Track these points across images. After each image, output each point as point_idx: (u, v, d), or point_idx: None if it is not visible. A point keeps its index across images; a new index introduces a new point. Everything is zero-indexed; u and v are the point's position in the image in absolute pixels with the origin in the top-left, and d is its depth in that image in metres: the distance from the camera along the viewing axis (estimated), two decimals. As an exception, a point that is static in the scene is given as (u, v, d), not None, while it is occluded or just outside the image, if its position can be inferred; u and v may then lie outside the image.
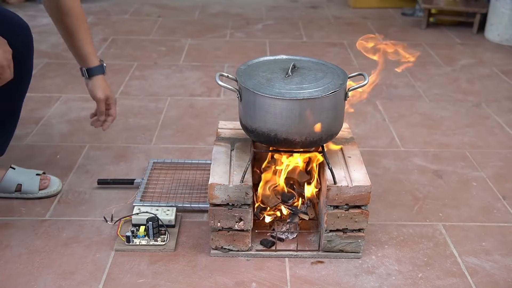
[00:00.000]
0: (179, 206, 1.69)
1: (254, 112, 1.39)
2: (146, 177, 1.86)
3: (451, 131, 2.35)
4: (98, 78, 1.70)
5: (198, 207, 1.70)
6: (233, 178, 1.44)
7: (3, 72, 1.34)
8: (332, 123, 1.42)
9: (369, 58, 1.60)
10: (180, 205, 1.70)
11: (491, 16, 3.65)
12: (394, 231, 1.66)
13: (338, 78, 1.44)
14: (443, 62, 3.23)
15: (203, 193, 1.78)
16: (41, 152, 2.06)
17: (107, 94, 1.72)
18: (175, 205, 1.68)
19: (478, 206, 1.81)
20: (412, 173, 2.00)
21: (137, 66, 3.03)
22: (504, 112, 2.56)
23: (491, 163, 2.09)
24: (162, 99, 2.60)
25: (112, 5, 4.40)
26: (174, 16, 4.14)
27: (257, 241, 1.56)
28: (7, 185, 1.74)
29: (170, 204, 1.69)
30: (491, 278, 1.48)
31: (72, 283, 1.41)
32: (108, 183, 1.83)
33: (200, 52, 3.31)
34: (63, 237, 1.59)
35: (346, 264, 1.51)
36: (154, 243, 1.55)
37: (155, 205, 1.68)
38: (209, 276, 1.45)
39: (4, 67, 1.33)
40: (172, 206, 1.67)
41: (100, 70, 1.71)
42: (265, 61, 1.54)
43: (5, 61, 1.33)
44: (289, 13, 4.33)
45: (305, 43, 3.59)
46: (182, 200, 1.74)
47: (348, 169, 1.49)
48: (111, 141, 2.17)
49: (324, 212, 1.47)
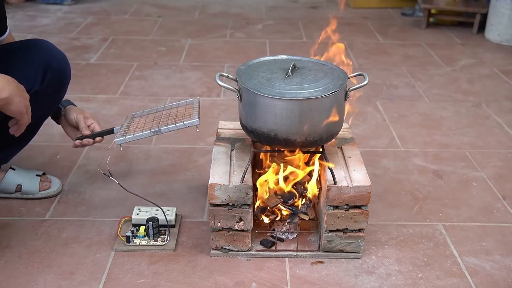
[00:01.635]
0: (160, 130, 1.51)
1: (254, 112, 1.40)
2: (126, 123, 1.66)
3: (451, 131, 2.35)
4: (71, 106, 1.72)
5: (175, 127, 1.52)
6: (233, 178, 1.44)
7: (22, 118, 1.39)
8: (332, 123, 1.42)
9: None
10: (164, 128, 1.51)
11: (491, 16, 3.65)
12: (394, 231, 1.66)
13: (338, 78, 1.44)
14: (443, 62, 3.23)
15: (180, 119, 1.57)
16: (41, 152, 2.06)
17: (84, 113, 1.70)
18: (158, 129, 1.51)
19: (478, 206, 1.81)
20: (412, 173, 2.00)
21: (137, 66, 3.03)
22: (504, 112, 2.56)
23: (491, 163, 2.09)
24: (162, 99, 2.60)
25: (112, 5, 4.40)
26: (174, 16, 4.14)
27: (257, 241, 1.56)
28: (7, 186, 1.74)
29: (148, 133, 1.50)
30: (491, 278, 1.48)
31: (72, 283, 1.41)
32: (87, 137, 1.66)
33: (200, 52, 3.31)
34: (63, 237, 1.59)
35: (346, 264, 1.51)
36: (154, 243, 1.55)
37: (155, 203, 1.68)
38: (209, 276, 1.45)
39: (23, 113, 1.38)
40: (171, 207, 1.67)
41: (69, 102, 1.74)
42: (265, 61, 1.54)
43: (24, 108, 1.37)
44: (289, 13, 4.33)
45: (305, 43, 3.59)
46: (159, 125, 1.53)
47: (348, 169, 1.49)
48: (111, 141, 2.16)
49: (324, 212, 1.47)
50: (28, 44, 1.60)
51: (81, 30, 3.69)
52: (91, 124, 1.68)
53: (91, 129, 1.67)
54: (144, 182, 1.90)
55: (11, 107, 1.33)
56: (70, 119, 1.68)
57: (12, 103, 1.32)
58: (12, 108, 1.34)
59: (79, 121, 1.67)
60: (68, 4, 4.29)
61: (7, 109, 1.34)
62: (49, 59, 1.57)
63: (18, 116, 1.38)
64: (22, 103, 1.35)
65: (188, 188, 1.87)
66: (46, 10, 4.14)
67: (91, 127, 1.67)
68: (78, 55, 3.18)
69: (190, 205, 1.76)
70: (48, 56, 1.58)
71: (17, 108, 1.35)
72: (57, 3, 4.27)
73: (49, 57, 1.58)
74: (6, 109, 1.33)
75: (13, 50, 1.59)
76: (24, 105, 1.36)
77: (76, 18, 3.98)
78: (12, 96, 1.31)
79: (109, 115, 2.37)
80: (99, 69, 2.97)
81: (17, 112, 1.36)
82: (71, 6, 4.27)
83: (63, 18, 3.96)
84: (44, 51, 1.58)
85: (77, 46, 3.36)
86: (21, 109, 1.36)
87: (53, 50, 1.61)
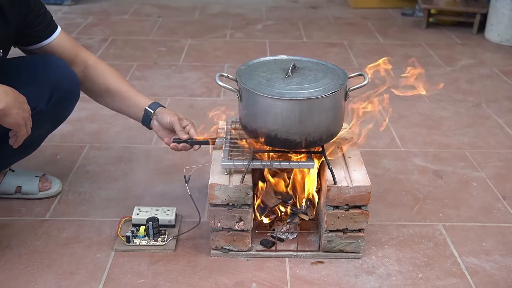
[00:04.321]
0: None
1: (254, 112, 1.39)
2: (228, 135, 1.60)
3: (451, 131, 2.35)
4: (161, 109, 1.62)
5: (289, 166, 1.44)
6: (233, 178, 1.44)
7: (20, 130, 1.34)
8: (332, 123, 1.42)
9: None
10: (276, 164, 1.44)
11: (491, 16, 3.65)
12: (394, 231, 1.66)
13: (338, 78, 1.44)
14: (443, 63, 3.23)
15: None
16: (41, 152, 2.06)
17: (178, 114, 1.60)
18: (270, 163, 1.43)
19: (478, 206, 1.81)
20: (412, 173, 2.00)
21: (137, 66, 3.03)
22: (504, 112, 2.56)
23: (491, 163, 2.09)
24: (162, 99, 2.60)
25: (112, 5, 4.40)
26: (174, 16, 4.14)
27: (257, 241, 1.56)
28: (6, 188, 1.74)
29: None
30: (491, 278, 1.48)
31: (72, 283, 1.41)
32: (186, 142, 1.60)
33: (200, 52, 3.31)
34: (63, 237, 1.59)
35: (346, 264, 1.51)
36: (154, 243, 1.55)
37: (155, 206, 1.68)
38: (209, 276, 1.45)
39: (21, 125, 1.33)
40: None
41: (158, 104, 1.63)
42: (265, 61, 1.54)
43: (22, 120, 1.32)
44: (289, 13, 4.33)
45: (305, 43, 3.59)
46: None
47: (348, 169, 1.49)
48: (111, 141, 2.17)
49: (324, 212, 1.47)
50: (40, 61, 1.54)
51: (81, 30, 3.69)
52: (186, 126, 1.58)
53: (187, 131, 1.58)
54: (144, 182, 1.90)
55: (7, 119, 1.29)
56: (164, 123, 1.58)
57: (9, 115, 1.28)
58: (9, 120, 1.29)
59: (174, 124, 1.56)
60: (68, 4, 4.28)
61: (4, 121, 1.29)
62: (59, 79, 1.52)
63: (15, 128, 1.33)
64: (20, 115, 1.31)
65: (188, 188, 1.86)
66: (46, 10, 4.14)
67: (186, 129, 1.58)
68: (78, 55, 3.17)
69: (190, 205, 1.76)
70: (58, 76, 1.52)
71: (14, 120, 1.30)
72: (57, 3, 4.27)
73: (59, 77, 1.52)
74: (2, 120, 1.29)
75: (25, 65, 1.54)
76: (22, 117, 1.31)
77: (76, 18, 3.98)
78: (8, 107, 1.27)
79: (109, 115, 2.37)
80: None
81: (14, 124, 1.31)
82: (71, 7, 4.27)
83: (63, 18, 3.95)
84: (55, 70, 1.52)
85: (77, 46, 3.36)
86: (18, 121, 1.31)
87: (63, 69, 1.54)
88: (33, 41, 1.55)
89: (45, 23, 1.54)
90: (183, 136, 1.56)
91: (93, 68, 1.63)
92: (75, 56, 1.61)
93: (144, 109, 1.61)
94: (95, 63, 1.64)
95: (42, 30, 1.54)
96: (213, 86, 2.75)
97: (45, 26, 1.54)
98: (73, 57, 1.60)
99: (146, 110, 1.61)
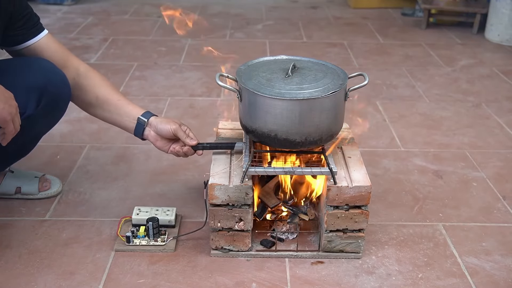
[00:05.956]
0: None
1: (254, 112, 1.40)
2: (248, 140, 1.56)
3: (451, 131, 2.35)
4: (155, 118, 1.57)
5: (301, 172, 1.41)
6: (233, 179, 1.44)
7: (7, 126, 1.30)
8: (332, 123, 1.42)
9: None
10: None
11: (491, 16, 3.65)
12: (394, 232, 1.66)
13: (338, 78, 1.44)
14: (443, 63, 3.23)
15: None
16: (41, 152, 2.06)
17: (175, 121, 1.57)
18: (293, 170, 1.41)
19: (478, 206, 1.81)
20: (412, 173, 2.00)
21: (137, 66, 3.03)
22: (504, 112, 2.56)
23: (491, 163, 2.09)
24: (162, 99, 2.60)
25: (112, 5, 4.40)
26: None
27: (257, 242, 1.56)
28: (6, 189, 1.74)
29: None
30: (491, 278, 1.48)
31: (72, 283, 1.41)
32: (205, 148, 1.59)
33: (200, 52, 3.31)
34: (63, 237, 1.59)
35: (346, 265, 1.51)
36: (154, 243, 1.55)
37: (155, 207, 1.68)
38: (209, 276, 1.45)
39: (8, 121, 1.29)
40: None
41: (150, 113, 1.58)
42: (265, 61, 1.55)
43: (9, 116, 1.28)
44: (289, 13, 4.33)
45: (305, 43, 3.59)
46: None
47: (348, 169, 1.49)
48: (111, 141, 2.17)
49: (324, 213, 1.47)
50: (27, 64, 1.50)
51: (81, 30, 3.69)
52: (186, 130, 1.56)
53: (187, 134, 1.55)
54: (144, 182, 1.90)
55: None
56: (165, 132, 1.54)
57: None
58: None
59: (177, 131, 1.53)
60: (68, 4, 4.29)
61: None
62: (46, 82, 1.46)
63: (2, 124, 1.29)
64: (6, 111, 1.27)
65: (188, 188, 1.87)
66: (46, 10, 4.14)
67: (186, 132, 1.55)
68: (78, 55, 3.11)
69: (190, 205, 1.76)
70: (45, 79, 1.47)
71: (0, 116, 1.26)
72: (57, 3, 4.27)
73: (46, 80, 1.46)
74: None
75: (12, 68, 1.49)
76: (8, 112, 1.27)
77: (76, 18, 3.98)
78: None
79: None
80: (99, 69, 2.90)
81: (0, 120, 1.28)
82: (71, 6, 4.27)
83: (63, 18, 3.96)
84: (42, 73, 1.47)
85: (77, 46, 3.36)
86: (5, 117, 1.27)
87: (51, 72, 1.49)
88: (18, 40, 1.51)
89: (31, 23, 1.52)
90: (192, 142, 1.54)
91: (85, 76, 1.59)
92: (66, 61, 1.57)
93: (137, 119, 1.56)
94: (87, 71, 1.61)
95: (27, 29, 1.51)
96: (213, 86, 2.75)
97: (31, 26, 1.52)
98: (64, 62, 1.57)
99: (139, 119, 1.55)
